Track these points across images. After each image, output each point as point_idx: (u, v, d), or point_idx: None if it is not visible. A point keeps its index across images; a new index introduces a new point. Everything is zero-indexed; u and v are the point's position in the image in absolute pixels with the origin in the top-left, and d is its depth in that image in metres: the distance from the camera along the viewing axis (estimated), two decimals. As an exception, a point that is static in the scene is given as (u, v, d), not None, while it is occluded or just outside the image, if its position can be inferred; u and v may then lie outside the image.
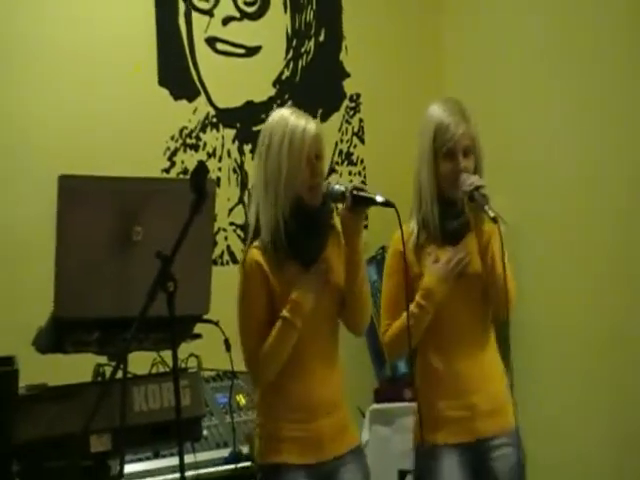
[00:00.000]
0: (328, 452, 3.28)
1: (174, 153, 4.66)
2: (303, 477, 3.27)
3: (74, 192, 2.90)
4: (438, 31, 5.14)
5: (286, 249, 3.23)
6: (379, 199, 3.11)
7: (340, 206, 3.23)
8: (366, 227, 4.42)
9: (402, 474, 3.46)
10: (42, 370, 3.01)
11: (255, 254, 3.26)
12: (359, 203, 3.16)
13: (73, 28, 4.50)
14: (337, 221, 3.32)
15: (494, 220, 3.22)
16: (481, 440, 3.40)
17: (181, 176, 4.38)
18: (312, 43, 4.94)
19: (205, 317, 3.19)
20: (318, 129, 3.26)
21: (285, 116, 3.28)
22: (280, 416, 3.31)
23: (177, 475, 2.98)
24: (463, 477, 3.43)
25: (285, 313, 3.19)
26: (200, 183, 2.85)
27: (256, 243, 3.27)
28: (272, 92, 4.86)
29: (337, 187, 3.19)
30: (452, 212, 3.38)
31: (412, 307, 3.35)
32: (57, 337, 2.97)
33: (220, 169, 4.74)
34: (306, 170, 3.20)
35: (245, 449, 3.72)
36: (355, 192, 3.14)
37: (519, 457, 3.40)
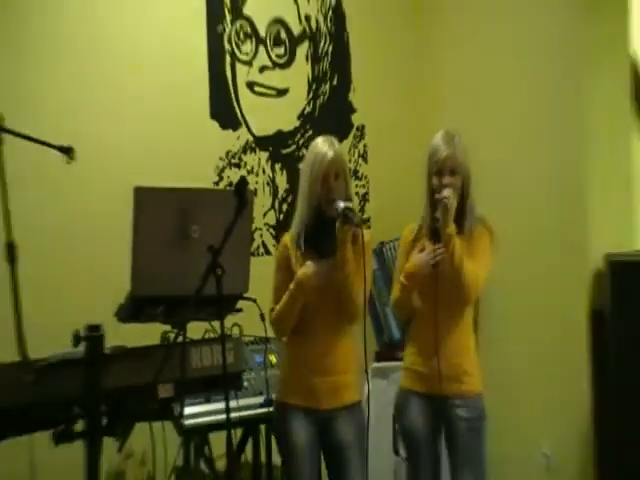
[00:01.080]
0: (324, 404, 3.31)
1: (222, 170, 4.67)
2: (302, 417, 3.32)
3: (146, 199, 2.90)
4: (427, 71, 5.11)
5: (307, 244, 3.29)
6: (356, 221, 3.13)
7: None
8: (369, 227, 4.50)
9: (393, 418, 3.48)
10: (123, 335, 3.01)
11: (286, 238, 3.37)
12: (346, 220, 3.14)
13: (151, 75, 4.51)
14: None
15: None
16: (444, 397, 3.38)
17: (227, 188, 4.38)
18: (328, 86, 4.95)
19: (245, 295, 3.16)
20: (336, 154, 3.23)
21: (317, 143, 3.31)
22: (288, 370, 3.40)
23: (223, 416, 3.00)
24: (425, 420, 3.46)
25: (291, 286, 3.24)
26: (241, 193, 2.87)
27: (288, 233, 3.38)
28: (297, 124, 4.87)
29: (339, 204, 3.16)
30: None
31: (401, 281, 3.42)
32: (133, 310, 2.98)
33: (257, 182, 4.75)
34: (322, 188, 3.21)
35: (274, 397, 3.69)
36: (346, 211, 3.13)
37: (478, 416, 3.41)
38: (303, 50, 4.88)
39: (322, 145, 3.29)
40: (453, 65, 4.91)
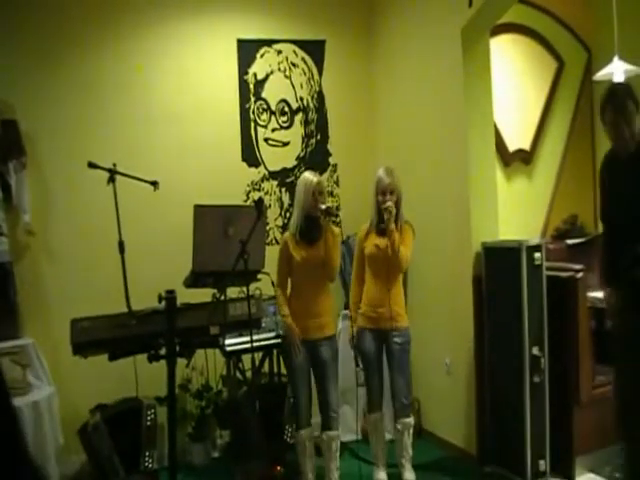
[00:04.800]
0: (311, 336, 3.34)
1: (249, 193, 4.66)
2: (301, 344, 3.35)
3: (202, 212, 2.96)
4: (373, 130, 5.01)
5: (299, 236, 3.32)
6: (333, 213, 3.25)
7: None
8: (340, 226, 4.50)
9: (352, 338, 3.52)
10: (188, 296, 3.07)
11: (287, 236, 3.37)
12: (326, 214, 3.22)
13: (204, 136, 4.50)
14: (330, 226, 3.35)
15: (407, 222, 3.43)
16: (386, 330, 3.44)
17: (251, 204, 4.34)
18: (314, 140, 4.90)
19: (263, 270, 3.22)
20: (318, 180, 3.30)
21: (305, 175, 3.36)
22: (291, 315, 3.37)
23: (249, 345, 3.07)
24: (374, 345, 3.50)
25: (285, 314, 3.33)
26: (260, 207, 2.94)
27: (287, 233, 3.39)
28: (295, 163, 4.83)
29: (322, 206, 3.24)
30: (382, 220, 3.42)
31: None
32: (194, 280, 3.04)
33: (270, 200, 4.72)
34: (312, 200, 3.27)
35: (282, 332, 3.65)
36: (327, 211, 3.21)
37: (405, 341, 3.47)
38: (299, 118, 4.84)
39: (309, 175, 3.37)
40: (390, 122, 4.81)
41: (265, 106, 4.72)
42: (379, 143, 4.98)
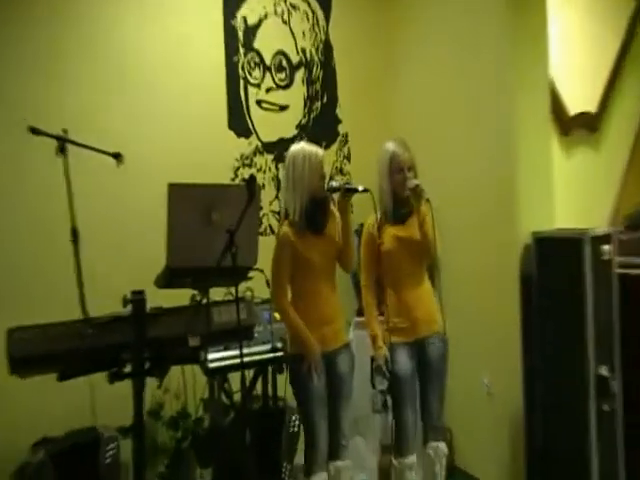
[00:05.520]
0: (330, 345, 3.29)
1: (237, 169, 4.65)
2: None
3: (178, 193, 2.91)
4: (390, 96, 5.06)
5: (305, 224, 3.25)
6: (360, 188, 3.18)
7: (335, 196, 3.27)
8: (352, 212, 4.47)
9: (372, 358, 3.47)
10: (160, 299, 3.04)
11: (286, 229, 3.27)
12: (348, 192, 3.20)
13: (183, 98, 4.48)
14: (333, 208, 3.35)
15: (428, 200, 3.29)
16: (423, 338, 3.41)
17: (240, 183, 4.34)
18: (319, 103, 4.92)
19: (255, 267, 3.17)
20: (323, 153, 3.31)
21: (302, 146, 3.30)
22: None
23: (238, 360, 3.04)
24: (410, 364, 3.44)
25: (304, 335, 3.21)
26: (251, 187, 2.88)
27: (286, 222, 3.29)
28: (295, 132, 4.84)
29: (334, 184, 3.22)
30: (401, 204, 3.39)
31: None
32: (168, 279, 3.00)
33: (264, 179, 4.73)
34: (318, 178, 3.24)
35: (279, 344, 3.73)
36: (346, 186, 3.20)
37: (444, 348, 3.44)
38: (300, 75, 4.84)
39: (309, 147, 3.31)
40: (412, 86, 4.87)
41: (258, 60, 4.71)
42: (399, 109, 5.00)
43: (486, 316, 4.14)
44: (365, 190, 3.17)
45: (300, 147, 3.34)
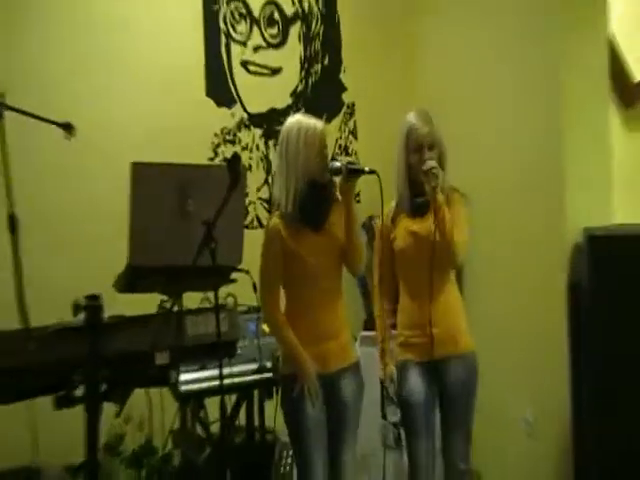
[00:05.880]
0: (333, 366, 3.26)
1: (217, 146, 4.64)
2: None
3: (143, 174, 2.93)
4: (411, 55, 5.08)
5: (300, 217, 3.21)
6: (366, 169, 3.13)
7: (338, 179, 3.22)
8: (359, 201, 4.46)
9: (381, 381, 3.47)
10: (121, 305, 3.01)
11: (276, 221, 3.24)
12: (352, 174, 3.15)
13: (151, 58, 4.49)
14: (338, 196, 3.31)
15: (463, 195, 3.36)
16: (442, 360, 3.37)
17: (221, 163, 4.34)
18: (319, 66, 4.92)
19: (239, 267, 3.19)
20: (323, 127, 3.27)
21: (298, 119, 3.27)
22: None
23: (217, 382, 3.01)
24: (423, 388, 3.42)
25: (297, 352, 3.18)
26: (234, 168, 2.89)
27: (277, 213, 3.26)
28: (290, 101, 4.84)
29: (336, 164, 3.17)
30: (419, 191, 3.36)
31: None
32: (131, 281, 3.01)
33: (251, 159, 4.72)
34: (317, 157, 3.20)
35: (268, 364, 3.72)
36: (350, 166, 3.14)
37: (471, 374, 3.41)
38: (296, 30, 4.84)
39: (306, 120, 3.28)
40: (439, 46, 4.88)
41: (244, 10, 4.71)
42: (422, 74, 5.01)
43: (525, 333, 4.14)
44: (371, 172, 3.15)
45: (296, 120, 3.32)
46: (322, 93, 4.92)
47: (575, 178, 3.84)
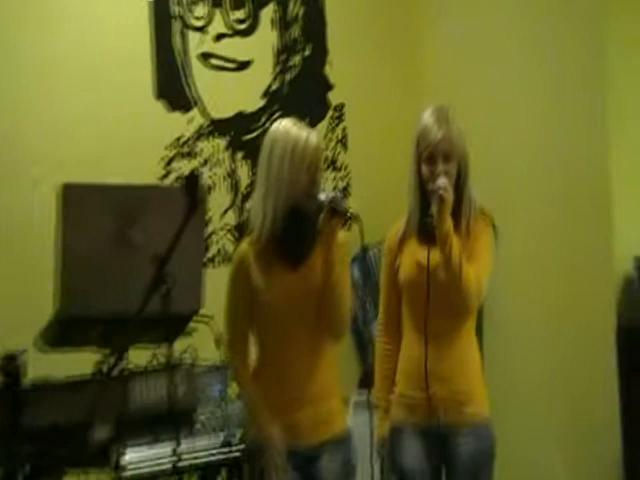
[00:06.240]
0: (307, 439, 3.26)
1: (170, 161, 4.64)
2: (288, 460, 3.24)
3: (76, 198, 2.92)
4: (416, 42, 5.13)
5: (276, 247, 3.23)
6: (348, 214, 3.13)
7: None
8: (349, 229, 4.46)
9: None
10: (49, 364, 3.03)
11: (245, 248, 3.26)
12: (335, 214, 3.15)
13: (77, 48, 4.48)
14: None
15: (493, 225, 3.36)
16: (446, 427, 3.36)
17: (176, 183, 4.37)
18: (298, 57, 4.94)
19: (199, 314, 3.21)
20: (318, 141, 3.26)
21: (288, 127, 3.27)
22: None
23: (171, 462, 3.02)
24: (424, 458, 3.42)
25: (259, 415, 3.24)
26: (192, 189, 2.86)
27: (247, 239, 3.28)
28: (261, 103, 4.85)
29: (320, 197, 3.17)
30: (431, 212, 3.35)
31: None
32: (61, 333, 3.00)
33: (214, 175, 4.72)
34: (306, 178, 3.19)
35: (234, 436, 3.70)
36: (332, 206, 3.14)
37: (486, 447, 3.39)
38: (268, 14, 4.86)
39: (297, 129, 3.27)
40: (448, 31, 4.92)
41: None
42: (431, 67, 5.07)
43: (561, 394, 4.16)
44: (356, 218, 3.09)
45: (283, 128, 3.31)
46: (302, 92, 4.94)
47: (624, 197, 3.89)
